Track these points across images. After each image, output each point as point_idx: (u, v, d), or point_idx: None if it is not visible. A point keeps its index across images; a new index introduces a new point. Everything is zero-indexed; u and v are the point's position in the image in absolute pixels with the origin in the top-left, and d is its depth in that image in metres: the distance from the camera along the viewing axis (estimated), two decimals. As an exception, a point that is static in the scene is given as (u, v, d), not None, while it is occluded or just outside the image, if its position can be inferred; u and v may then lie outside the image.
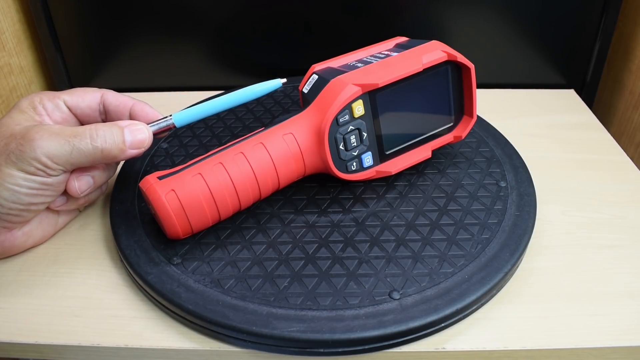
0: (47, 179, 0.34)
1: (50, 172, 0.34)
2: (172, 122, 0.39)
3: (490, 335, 0.33)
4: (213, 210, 0.36)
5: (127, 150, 0.36)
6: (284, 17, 0.57)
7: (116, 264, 0.38)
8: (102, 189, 0.41)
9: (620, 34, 0.60)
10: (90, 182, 0.37)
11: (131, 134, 0.36)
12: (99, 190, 0.40)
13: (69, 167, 0.35)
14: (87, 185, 0.37)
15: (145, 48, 0.59)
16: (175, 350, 0.33)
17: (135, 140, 0.36)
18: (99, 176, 0.38)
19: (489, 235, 0.37)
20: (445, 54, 0.39)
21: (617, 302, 0.35)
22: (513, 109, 0.56)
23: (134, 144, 0.36)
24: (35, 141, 0.33)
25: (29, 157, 0.33)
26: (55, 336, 0.33)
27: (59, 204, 0.38)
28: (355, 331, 0.31)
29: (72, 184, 0.36)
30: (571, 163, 0.47)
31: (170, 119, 0.39)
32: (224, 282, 0.34)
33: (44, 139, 0.34)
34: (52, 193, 0.36)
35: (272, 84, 0.40)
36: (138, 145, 0.36)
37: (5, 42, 0.56)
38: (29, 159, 0.33)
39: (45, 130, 0.34)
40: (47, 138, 0.34)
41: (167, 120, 0.38)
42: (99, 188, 0.39)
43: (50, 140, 0.34)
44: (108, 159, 0.36)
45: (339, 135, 0.38)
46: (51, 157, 0.34)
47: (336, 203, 0.40)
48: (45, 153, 0.33)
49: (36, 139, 0.33)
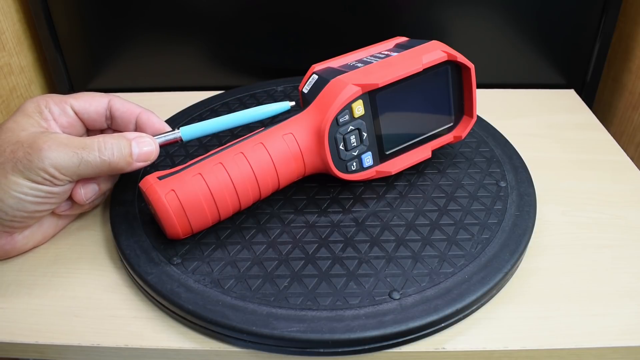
0: (53, 189, 0.34)
1: (57, 182, 0.34)
2: (179, 135, 0.39)
3: (490, 335, 0.33)
4: (213, 210, 0.36)
5: (134, 163, 0.36)
6: (284, 17, 0.57)
7: (116, 264, 0.38)
8: (106, 194, 0.41)
9: (620, 34, 0.60)
10: (96, 190, 0.38)
11: (138, 146, 0.36)
12: (103, 196, 0.40)
13: (76, 177, 0.35)
14: (93, 192, 0.38)
15: (145, 48, 0.59)
16: (175, 350, 0.33)
17: (143, 153, 0.37)
18: (104, 183, 0.38)
19: (489, 235, 0.37)
20: (445, 54, 0.39)
21: (617, 302, 0.35)
22: (513, 109, 0.56)
23: (141, 156, 0.36)
24: (44, 151, 0.33)
25: (37, 167, 0.33)
26: (55, 336, 0.33)
27: (64, 209, 0.38)
28: (355, 331, 0.31)
29: (78, 191, 0.37)
30: (571, 163, 0.47)
31: (178, 133, 0.39)
32: (224, 282, 0.34)
33: (52, 149, 0.33)
34: (56, 201, 0.36)
35: (280, 106, 0.41)
36: (145, 158, 0.37)
37: (5, 42, 0.56)
38: (36, 169, 0.33)
39: (53, 140, 0.34)
40: (55, 149, 0.34)
41: (174, 133, 0.39)
42: (103, 194, 0.40)
43: (58, 152, 0.34)
44: (115, 171, 0.36)
45: (339, 135, 0.38)
46: (59, 168, 0.34)
47: (336, 203, 0.40)
48: (53, 164, 0.33)
49: (44, 149, 0.33)
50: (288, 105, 0.41)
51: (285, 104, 0.41)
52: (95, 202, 0.40)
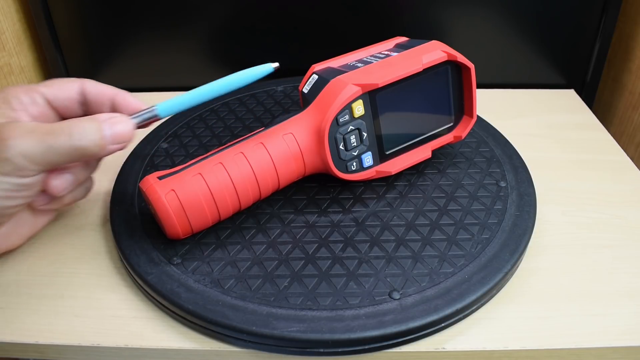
0: (23, 180, 0.32)
1: (26, 173, 0.32)
2: (156, 112, 0.36)
3: (490, 335, 0.33)
4: (213, 210, 0.36)
5: (107, 146, 0.33)
6: (284, 17, 0.57)
7: (116, 264, 0.38)
8: (88, 185, 0.37)
9: (620, 34, 0.60)
10: (71, 179, 0.34)
11: (111, 127, 0.33)
12: (84, 188, 0.37)
13: (46, 166, 0.32)
14: (67, 182, 0.34)
15: (145, 48, 0.59)
16: (175, 350, 0.33)
17: (116, 134, 0.33)
18: (81, 172, 0.35)
19: (489, 235, 0.37)
20: (445, 54, 0.39)
21: (617, 302, 0.35)
22: (513, 109, 0.56)
23: (116, 138, 0.33)
24: (9, 140, 0.31)
25: (3, 158, 0.31)
26: (55, 336, 0.33)
27: (42, 203, 0.36)
28: (355, 331, 0.31)
29: (52, 182, 0.34)
30: (571, 163, 0.47)
31: (154, 109, 0.36)
32: (224, 282, 0.34)
33: (18, 137, 0.31)
34: (28, 194, 0.33)
35: (262, 69, 0.37)
36: (119, 139, 0.33)
37: (5, 42, 0.56)
38: (2, 160, 0.31)
39: (19, 128, 0.32)
40: (21, 136, 0.31)
41: (150, 111, 0.36)
42: (82, 185, 0.37)
43: (24, 139, 0.31)
44: (87, 157, 0.33)
45: (339, 135, 0.38)
46: (26, 156, 0.31)
47: (336, 203, 0.40)
48: (20, 152, 0.31)
49: (10, 137, 0.31)
50: (271, 68, 0.37)
51: (268, 66, 0.37)
52: (76, 195, 0.36)
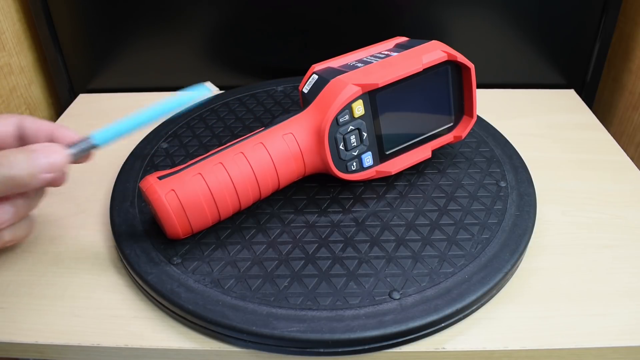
0: None
1: None
2: (92, 142, 0.34)
3: (490, 335, 0.33)
4: (213, 210, 0.36)
5: (40, 175, 0.31)
6: (284, 17, 0.57)
7: (116, 264, 0.38)
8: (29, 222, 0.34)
9: (620, 34, 0.60)
10: (11, 211, 0.32)
11: (44, 156, 0.31)
12: (26, 224, 0.34)
13: None
14: (8, 215, 0.32)
15: (145, 48, 0.59)
16: (175, 350, 0.33)
17: (48, 163, 0.31)
18: (21, 205, 0.33)
19: (489, 235, 0.37)
20: (445, 54, 0.39)
21: (617, 302, 0.35)
22: (513, 109, 0.56)
23: (48, 167, 0.31)
24: None
25: None
26: (55, 336, 0.33)
27: None
28: (355, 331, 0.31)
29: None
30: (571, 163, 0.47)
31: (90, 140, 0.34)
32: (224, 282, 0.34)
33: None
34: None
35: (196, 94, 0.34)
36: (51, 168, 0.31)
37: (5, 42, 0.56)
38: None
39: None
40: None
41: (87, 141, 0.34)
42: (25, 220, 0.34)
43: None
44: (20, 187, 0.31)
45: (339, 135, 0.38)
46: None
47: (336, 203, 0.40)
48: None
49: None
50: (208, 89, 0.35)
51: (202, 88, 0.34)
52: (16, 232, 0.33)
